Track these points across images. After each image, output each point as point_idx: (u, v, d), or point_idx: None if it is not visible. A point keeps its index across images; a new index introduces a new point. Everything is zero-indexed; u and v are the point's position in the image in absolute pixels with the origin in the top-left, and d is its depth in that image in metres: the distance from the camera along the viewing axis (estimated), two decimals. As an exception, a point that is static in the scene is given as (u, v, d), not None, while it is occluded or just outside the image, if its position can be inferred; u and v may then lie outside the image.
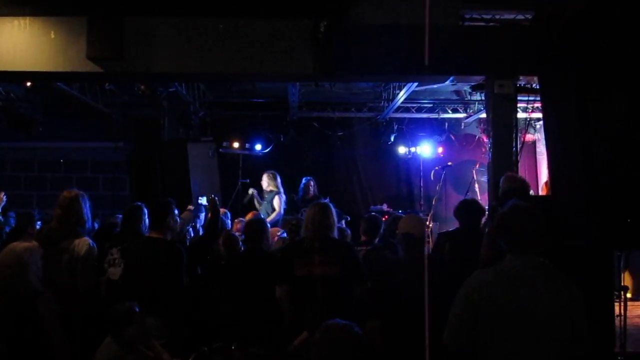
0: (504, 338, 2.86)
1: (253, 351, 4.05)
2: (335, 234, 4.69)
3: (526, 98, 7.37)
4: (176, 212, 5.05)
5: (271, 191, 8.90)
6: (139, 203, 5.48)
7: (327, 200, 8.01)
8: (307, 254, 4.45)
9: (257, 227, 5.24)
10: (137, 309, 3.90)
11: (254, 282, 4.77)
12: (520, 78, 6.83)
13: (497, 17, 6.52)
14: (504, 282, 2.92)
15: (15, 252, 4.02)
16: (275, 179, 8.94)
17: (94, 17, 5.97)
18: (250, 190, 9.18)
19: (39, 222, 6.51)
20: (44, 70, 6.37)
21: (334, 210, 4.69)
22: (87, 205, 4.89)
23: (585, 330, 2.88)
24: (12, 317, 3.92)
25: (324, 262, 4.40)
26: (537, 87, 6.80)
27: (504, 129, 6.55)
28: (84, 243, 4.70)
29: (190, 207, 6.53)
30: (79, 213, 4.78)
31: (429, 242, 7.23)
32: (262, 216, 7.77)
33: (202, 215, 7.30)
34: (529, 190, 5.53)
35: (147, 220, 5.24)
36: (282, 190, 9.00)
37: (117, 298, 4.35)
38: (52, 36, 6.26)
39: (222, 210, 6.71)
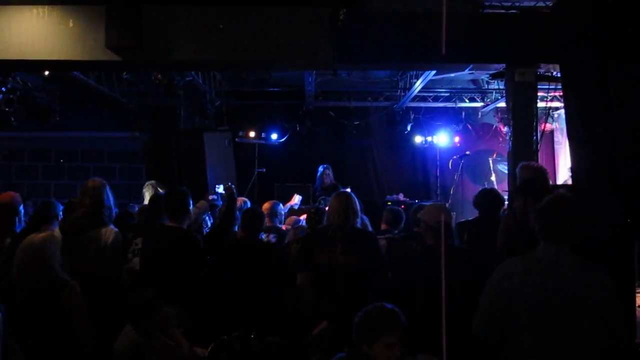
0: (533, 326, 2.84)
1: (272, 340, 4.04)
2: (359, 223, 4.67)
3: (546, 87, 7.28)
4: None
5: None
6: (163, 192, 5.45)
7: (347, 189, 7.98)
8: (329, 243, 4.43)
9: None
10: (157, 298, 3.90)
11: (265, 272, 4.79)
12: (540, 66, 6.75)
13: (517, 4, 6.43)
14: (536, 270, 2.89)
15: (34, 244, 4.02)
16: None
17: (113, 6, 5.96)
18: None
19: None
20: (63, 59, 6.36)
21: (357, 199, 4.67)
22: (111, 194, 4.91)
23: (619, 321, 2.85)
24: (38, 308, 3.92)
25: (346, 251, 4.39)
26: (558, 75, 6.71)
27: (524, 118, 6.49)
28: (111, 232, 4.72)
29: (211, 196, 6.45)
30: (106, 202, 4.80)
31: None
32: None
33: None
34: (548, 179, 5.46)
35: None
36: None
37: (138, 287, 4.36)
38: (71, 25, 6.26)
39: (241, 199, 6.68)
